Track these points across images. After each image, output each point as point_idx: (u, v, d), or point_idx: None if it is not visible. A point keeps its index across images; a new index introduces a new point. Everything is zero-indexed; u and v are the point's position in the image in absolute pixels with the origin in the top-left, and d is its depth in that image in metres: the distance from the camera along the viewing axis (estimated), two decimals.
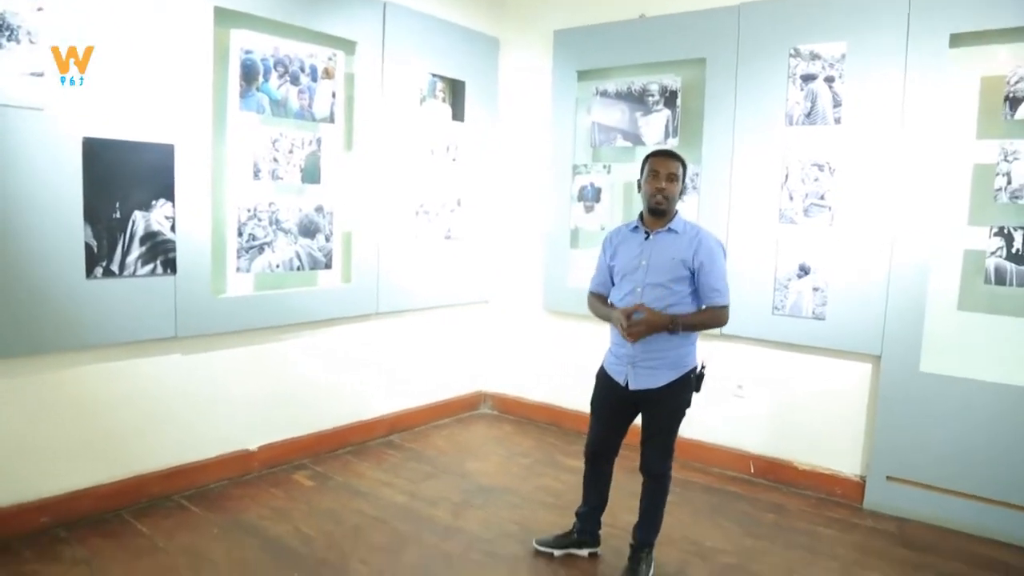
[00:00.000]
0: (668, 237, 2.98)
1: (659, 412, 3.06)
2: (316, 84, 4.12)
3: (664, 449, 3.09)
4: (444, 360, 5.21)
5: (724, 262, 3.00)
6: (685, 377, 2.99)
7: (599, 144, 4.78)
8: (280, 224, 4.03)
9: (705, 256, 2.92)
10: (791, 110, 4.01)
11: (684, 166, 3.01)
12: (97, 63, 3.26)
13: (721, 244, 3.02)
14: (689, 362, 3.01)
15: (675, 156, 2.99)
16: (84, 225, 3.29)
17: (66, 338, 3.28)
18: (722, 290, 2.97)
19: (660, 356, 2.96)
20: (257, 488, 3.88)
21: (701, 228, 3.03)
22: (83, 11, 3.20)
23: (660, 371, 2.97)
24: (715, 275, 2.95)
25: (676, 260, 2.93)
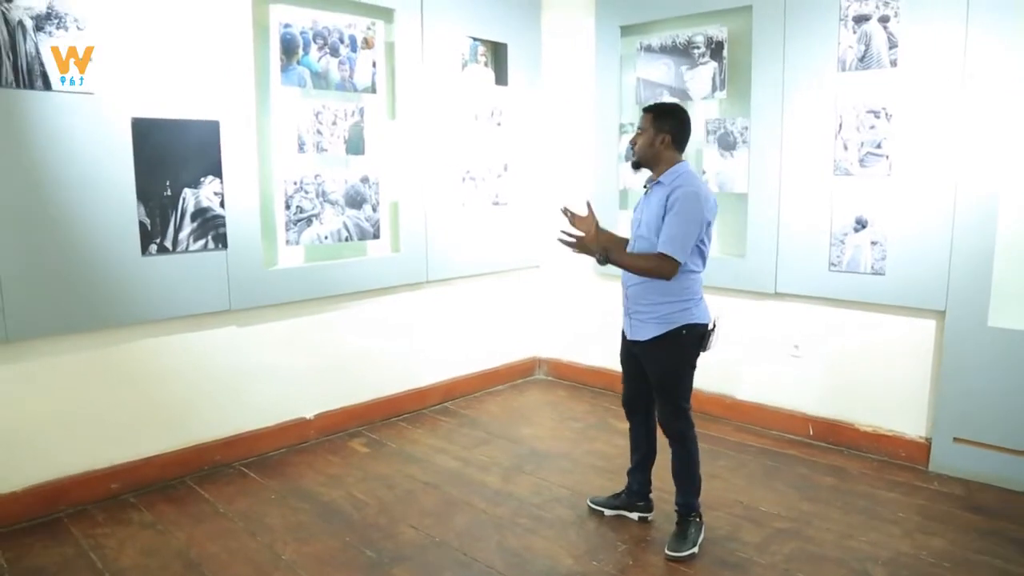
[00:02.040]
0: (655, 190, 2.93)
1: (651, 368, 3.03)
2: (356, 54, 4.13)
3: (668, 408, 3.04)
4: (497, 326, 5.22)
5: (688, 212, 2.78)
6: (674, 333, 2.91)
7: (645, 101, 4.64)
8: (327, 196, 4.08)
9: (672, 204, 2.80)
10: (843, 54, 3.81)
11: (657, 113, 2.95)
12: (142, 45, 3.34)
13: (693, 195, 2.79)
14: (679, 319, 2.90)
15: (647, 108, 3.00)
16: (137, 204, 3.40)
17: (126, 313, 3.42)
18: (672, 238, 2.77)
19: (648, 309, 2.94)
20: (314, 455, 3.99)
21: (688, 179, 2.85)
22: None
23: (648, 324, 2.95)
24: (671, 223, 2.79)
25: (655, 212, 2.88)
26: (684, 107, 3.06)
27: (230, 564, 2.92)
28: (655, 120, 2.93)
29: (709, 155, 4.37)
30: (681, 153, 2.97)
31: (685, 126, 2.96)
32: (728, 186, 4.32)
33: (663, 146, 2.92)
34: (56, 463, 3.32)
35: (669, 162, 2.93)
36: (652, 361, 3.01)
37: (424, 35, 4.45)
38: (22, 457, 3.22)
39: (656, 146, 2.92)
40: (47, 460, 3.29)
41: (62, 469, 3.33)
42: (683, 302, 2.90)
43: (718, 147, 4.32)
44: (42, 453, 3.27)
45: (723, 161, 4.31)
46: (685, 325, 2.91)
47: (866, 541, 3.08)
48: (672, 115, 2.95)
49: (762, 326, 4.31)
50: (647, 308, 2.94)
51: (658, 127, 2.91)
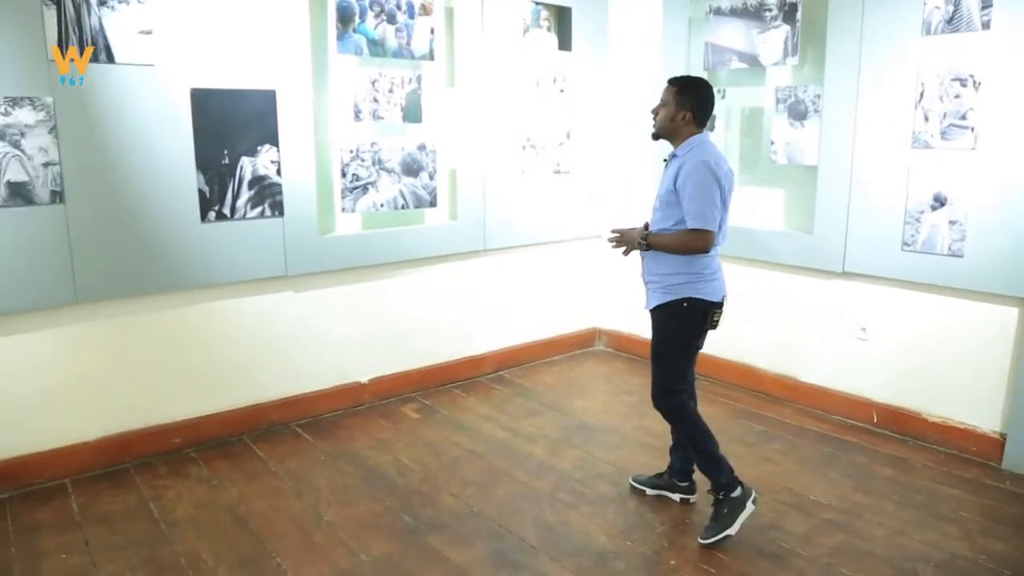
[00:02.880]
0: (672, 162, 2.93)
1: (653, 337, 3.05)
2: (413, 21, 4.09)
3: (658, 383, 3.03)
4: (556, 297, 5.17)
5: (703, 182, 2.75)
6: (676, 304, 2.90)
7: (713, 67, 4.43)
8: (383, 164, 4.10)
9: (684, 177, 2.79)
10: (929, 16, 3.50)
11: (680, 86, 2.90)
12: (200, 18, 3.42)
13: (704, 164, 2.75)
14: (683, 291, 2.88)
15: (671, 81, 2.96)
16: (197, 172, 3.51)
17: (187, 277, 3.56)
18: (693, 212, 2.77)
19: (658, 279, 2.95)
20: (366, 419, 4.09)
21: (700, 149, 2.82)
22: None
23: (654, 293, 2.97)
24: (687, 197, 2.78)
25: (667, 186, 2.89)
26: (707, 81, 2.93)
27: (275, 521, 3.05)
28: (678, 95, 2.88)
29: (778, 124, 4.14)
30: (702, 128, 2.92)
31: (708, 103, 2.89)
32: (797, 158, 4.09)
33: (683, 122, 2.89)
34: (125, 417, 3.53)
35: (687, 136, 2.90)
36: (653, 330, 3.04)
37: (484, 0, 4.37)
38: (93, 410, 3.44)
39: (676, 121, 2.90)
40: (116, 414, 3.50)
41: (130, 423, 3.54)
42: (689, 275, 2.87)
43: (788, 116, 4.08)
44: (112, 407, 3.48)
45: (793, 131, 4.08)
46: (687, 298, 2.88)
47: (920, 540, 2.91)
48: (695, 91, 2.88)
49: (828, 306, 4.10)
50: (657, 278, 2.95)
51: (680, 102, 2.87)
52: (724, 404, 4.28)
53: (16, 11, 3.01)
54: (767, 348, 4.44)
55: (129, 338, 3.49)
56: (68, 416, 3.36)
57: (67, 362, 3.34)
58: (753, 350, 4.50)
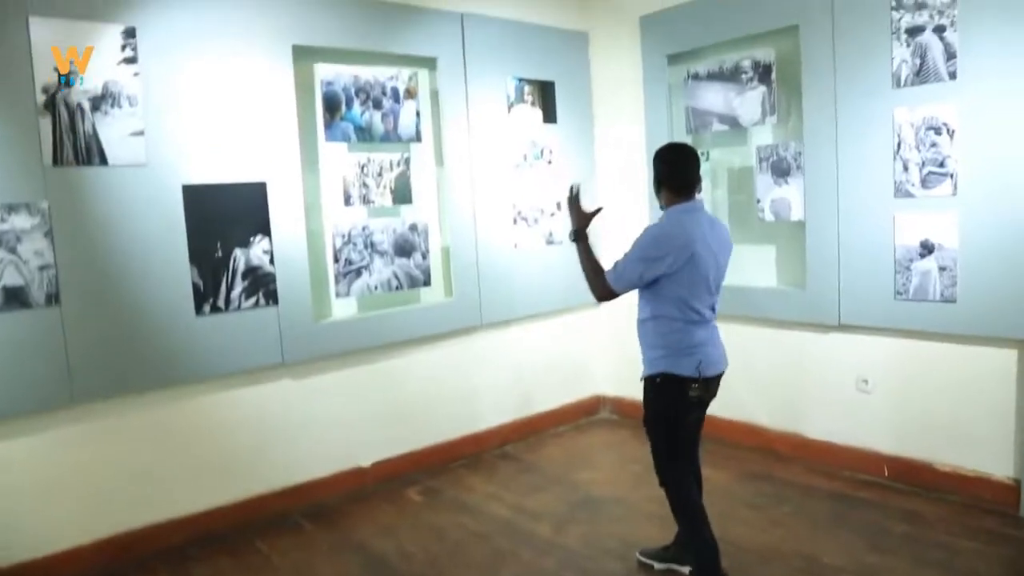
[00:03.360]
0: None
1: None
2: (399, 105, 4.21)
3: (653, 453, 2.99)
4: (557, 367, 5.14)
5: (640, 247, 2.76)
6: (650, 379, 2.87)
7: (696, 130, 4.52)
8: (375, 246, 4.16)
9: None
10: (898, 69, 3.58)
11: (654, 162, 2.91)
12: (190, 115, 3.52)
13: (659, 234, 2.75)
14: (657, 365, 2.83)
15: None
16: (190, 266, 3.56)
17: (183, 372, 3.57)
18: (615, 264, 2.82)
19: (643, 351, 2.92)
20: (370, 504, 4.03)
21: (666, 217, 2.83)
22: (174, 68, 3.47)
23: (643, 364, 2.93)
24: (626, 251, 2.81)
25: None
26: (674, 145, 2.97)
27: None
28: (652, 166, 2.91)
29: (763, 182, 4.19)
30: (680, 192, 2.83)
31: (672, 167, 2.84)
32: (784, 214, 4.12)
33: (661, 193, 2.88)
34: (123, 517, 3.48)
35: (669, 203, 2.87)
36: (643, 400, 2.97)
37: (468, 80, 4.49)
38: (91, 512, 3.40)
39: (659, 195, 2.91)
40: (115, 515, 3.46)
41: (129, 523, 3.49)
42: (661, 348, 2.82)
43: (771, 174, 4.14)
44: (110, 508, 3.44)
45: (778, 189, 4.12)
46: (660, 373, 2.82)
47: None
48: (659, 159, 2.90)
49: (827, 360, 4.07)
50: (643, 350, 2.93)
51: (654, 173, 2.89)
52: (732, 466, 4.20)
53: (12, 120, 3.11)
54: (771, 406, 4.39)
55: (127, 436, 3.48)
56: (66, 520, 3.33)
57: (64, 465, 3.32)
58: (757, 408, 4.44)
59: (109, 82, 3.34)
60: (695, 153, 2.89)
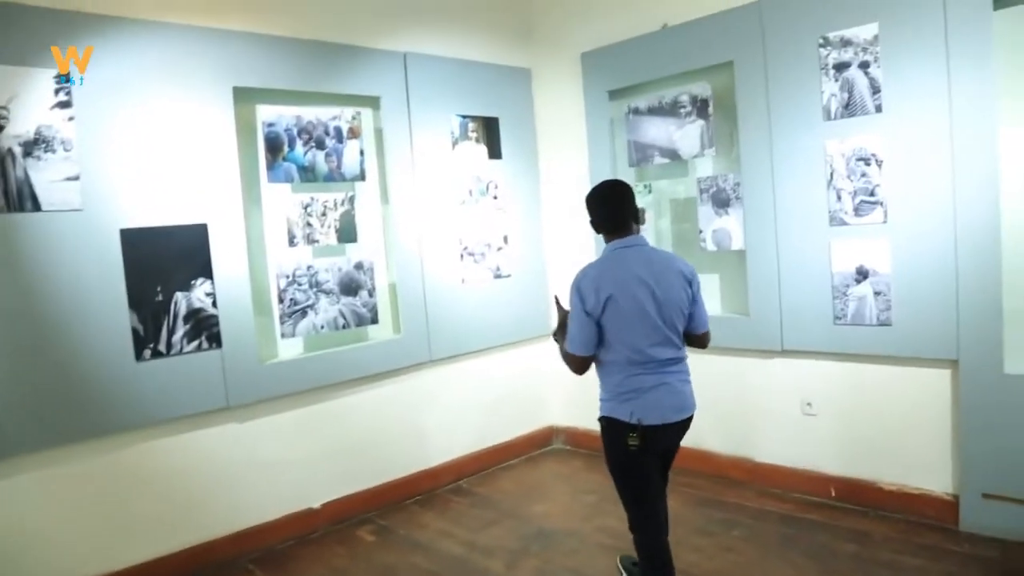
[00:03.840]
0: None
1: None
2: (343, 145, 4.21)
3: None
4: (508, 400, 5.14)
5: (573, 310, 2.71)
6: (600, 421, 2.77)
7: (638, 163, 4.61)
8: (321, 286, 4.12)
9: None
10: (827, 103, 3.72)
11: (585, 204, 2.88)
12: (128, 158, 3.47)
13: (577, 288, 2.69)
14: (601, 408, 2.76)
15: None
16: (129, 311, 3.48)
17: (123, 419, 3.48)
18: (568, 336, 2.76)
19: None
20: (321, 546, 3.95)
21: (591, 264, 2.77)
22: (110, 112, 3.42)
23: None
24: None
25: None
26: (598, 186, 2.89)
27: None
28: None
29: (704, 213, 4.28)
30: (612, 231, 2.78)
31: (598, 209, 2.81)
32: (725, 244, 4.22)
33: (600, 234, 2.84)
34: (69, 570, 3.34)
35: (608, 241, 2.80)
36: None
37: (412, 118, 4.52)
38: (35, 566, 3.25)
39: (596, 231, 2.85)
40: (59, 568, 3.32)
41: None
42: (607, 392, 2.74)
43: (712, 205, 4.23)
44: (48, 564, 3.30)
45: (719, 219, 4.22)
46: (603, 416, 2.75)
47: None
48: (587, 203, 2.86)
49: (773, 384, 4.15)
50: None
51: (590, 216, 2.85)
52: (685, 493, 4.23)
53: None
54: (720, 431, 4.44)
55: (64, 487, 3.35)
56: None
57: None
58: (708, 435, 4.49)
59: (42, 127, 3.27)
60: (621, 190, 2.81)
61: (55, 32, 3.29)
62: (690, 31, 4.25)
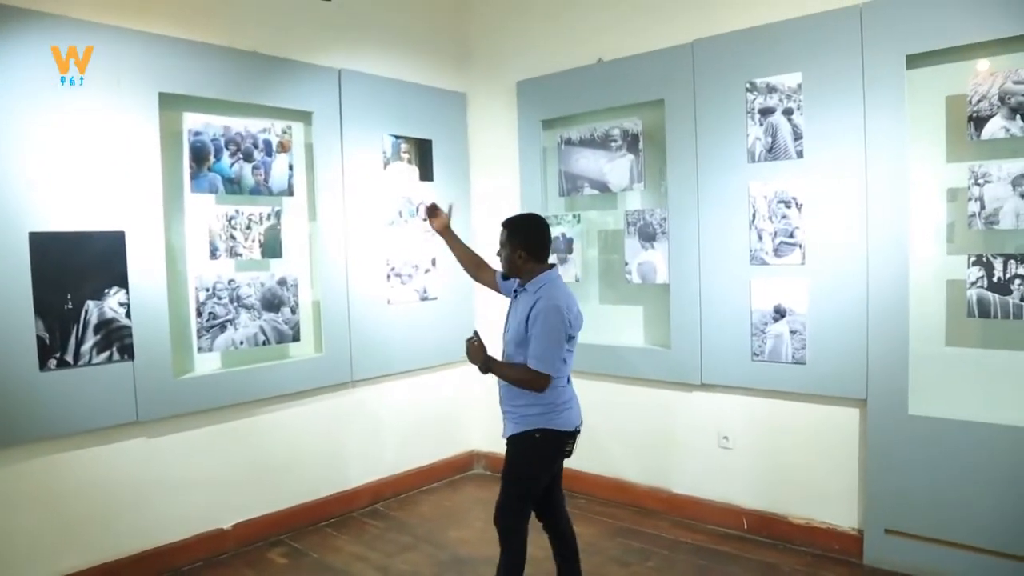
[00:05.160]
0: (522, 297, 2.99)
1: (506, 461, 3.02)
2: (271, 158, 4.13)
3: (501, 498, 2.98)
4: (430, 423, 5.09)
5: (552, 326, 2.82)
6: (528, 435, 2.91)
7: (568, 193, 4.67)
8: (242, 300, 4.02)
9: (534, 318, 2.85)
10: (752, 146, 3.85)
11: (512, 228, 3.03)
12: (42, 158, 3.32)
13: (556, 306, 2.83)
14: (535, 422, 2.90)
15: (504, 223, 3.08)
16: (35, 319, 3.32)
17: (24, 431, 3.30)
18: (539, 356, 2.81)
19: (512, 409, 2.97)
20: (230, 568, 3.81)
21: (549, 290, 2.89)
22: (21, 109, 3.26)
23: (510, 422, 2.99)
24: (536, 339, 2.83)
25: (519, 320, 2.92)
26: (537, 216, 3.12)
27: None
28: (510, 236, 3.01)
29: (631, 246, 4.36)
30: (543, 259, 3.00)
31: (539, 238, 3.00)
32: (650, 277, 4.30)
33: (521, 260, 2.98)
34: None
35: (532, 272, 2.98)
36: (507, 455, 3.01)
37: (344, 136, 4.47)
38: None
39: (515, 261, 3.00)
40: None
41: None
42: (542, 407, 2.89)
43: (639, 238, 4.32)
44: None
45: (645, 252, 4.30)
46: (539, 429, 2.90)
47: None
48: (523, 230, 3.01)
49: (691, 417, 4.24)
50: (512, 408, 2.98)
51: (513, 244, 2.99)
52: (602, 522, 4.26)
53: None
54: (638, 462, 4.50)
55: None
56: None
57: None
58: (625, 465, 4.55)
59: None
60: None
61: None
62: (624, 67, 4.35)
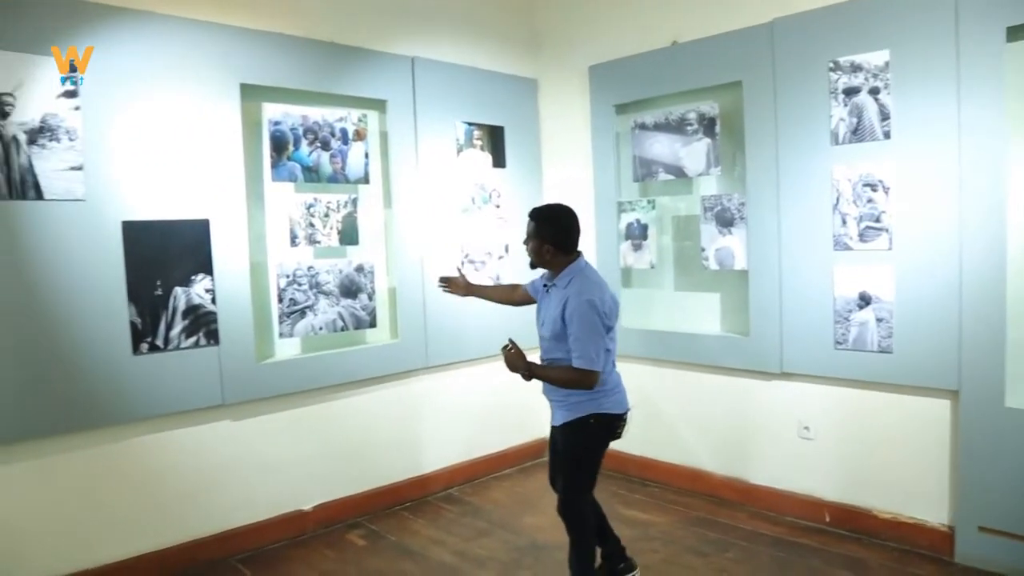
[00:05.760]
0: (553, 292, 3.05)
1: (561, 450, 3.14)
2: (348, 147, 4.19)
3: (564, 486, 3.13)
4: (503, 410, 5.10)
5: (588, 321, 2.85)
6: (582, 421, 3.00)
7: (642, 178, 4.61)
8: (321, 287, 4.10)
9: (569, 312, 2.89)
10: (836, 127, 3.72)
11: (540, 219, 3.05)
12: (133, 151, 3.45)
13: (590, 301, 2.86)
14: (588, 408, 2.98)
15: (531, 214, 3.10)
16: (128, 304, 3.46)
17: (117, 412, 3.45)
18: (582, 355, 2.85)
19: (561, 398, 3.06)
20: (310, 549, 3.91)
21: (581, 283, 2.93)
22: (118, 103, 3.40)
23: (560, 410, 3.08)
24: (574, 336, 2.88)
25: (554, 316, 2.97)
26: (565, 207, 3.12)
27: None
28: (537, 228, 3.03)
29: (707, 232, 4.27)
30: (572, 251, 3.04)
31: (568, 231, 3.03)
32: (728, 263, 4.21)
33: (549, 254, 3.02)
34: (49, 565, 3.30)
35: (561, 264, 3.02)
36: (561, 444, 3.13)
37: (418, 123, 4.51)
38: (18, 559, 3.22)
39: (543, 254, 3.03)
40: (43, 562, 3.28)
41: (55, 570, 3.31)
42: (591, 393, 2.96)
43: (716, 224, 4.23)
44: (38, 554, 3.27)
45: (722, 238, 4.21)
46: (592, 414, 2.99)
47: None
48: (552, 222, 3.03)
49: (771, 406, 4.14)
50: (560, 398, 3.06)
51: (541, 236, 3.02)
52: (676, 511, 4.21)
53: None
54: (715, 451, 4.43)
55: (56, 479, 3.32)
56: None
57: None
58: (702, 454, 4.48)
59: (48, 115, 3.25)
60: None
61: (62, 20, 3.28)
62: (700, 49, 4.25)
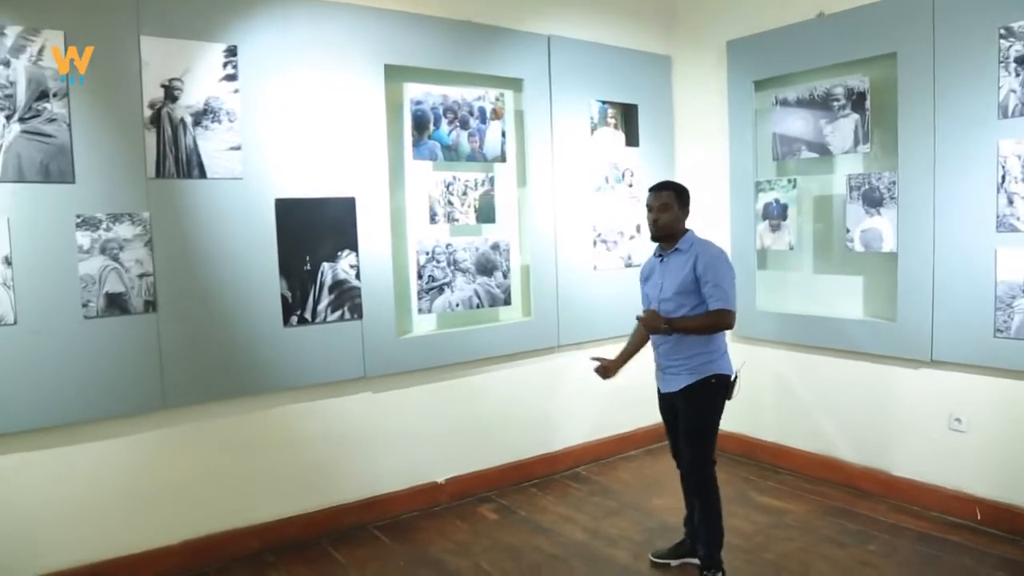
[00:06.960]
0: (676, 257, 3.24)
1: (684, 417, 3.25)
2: (486, 126, 4.25)
3: (693, 453, 3.23)
4: (631, 391, 5.02)
5: (726, 269, 3.13)
6: (705, 381, 3.15)
7: (782, 157, 4.45)
8: (458, 264, 4.19)
9: (703, 265, 3.11)
10: (1005, 100, 3.46)
11: (677, 191, 3.28)
12: (284, 131, 3.62)
13: (723, 254, 3.17)
14: (709, 368, 3.15)
15: (664, 187, 3.30)
16: (280, 278, 3.64)
17: (269, 381, 3.65)
18: (717, 296, 3.07)
19: (681, 363, 3.20)
20: (444, 520, 4.03)
21: (705, 243, 3.22)
22: (271, 85, 3.57)
23: (681, 375, 3.21)
24: (715, 284, 3.08)
25: (683, 274, 3.15)
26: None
27: None
28: (678, 199, 3.26)
29: (853, 212, 4.09)
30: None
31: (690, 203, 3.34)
32: (875, 245, 4.01)
33: (680, 222, 3.27)
34: (207, 521, 3.56)
35: (683, 232, 3.28)
36: (684, 409, 3.24)
37: (553, 102, 4.52)
38: (178, 514, 3.48)
39: (681, 222, 3.28)
40: (199, 518, 3.54)
41: (212, 527, 3.57)
42: (711, 353, 3.16)
43: (863, 204, 4.04)
44: (195, 511, 3.52)
45: (869, 219, 4.02)
46: (714, 374, 3.16)
47: None
48: (684, 194, 3.30)
49: (917, 396, 3.94)
50: (680, 361, 3.21)
51: (681, 204, 3.27)
52: (812, 500, 4.09)
53: (120, 135, 3.25)
54: (854, 440, 4.26)
55: (213, 441, 3.57)
56: (154, 520, 3.42)
57: (154, 467, 3.42)
58: (839, 443, 4.32)
59: (211, 98, 3.45)
60: None
61: (222, 9, 3.46)
62: (849, 19, 4.04)
